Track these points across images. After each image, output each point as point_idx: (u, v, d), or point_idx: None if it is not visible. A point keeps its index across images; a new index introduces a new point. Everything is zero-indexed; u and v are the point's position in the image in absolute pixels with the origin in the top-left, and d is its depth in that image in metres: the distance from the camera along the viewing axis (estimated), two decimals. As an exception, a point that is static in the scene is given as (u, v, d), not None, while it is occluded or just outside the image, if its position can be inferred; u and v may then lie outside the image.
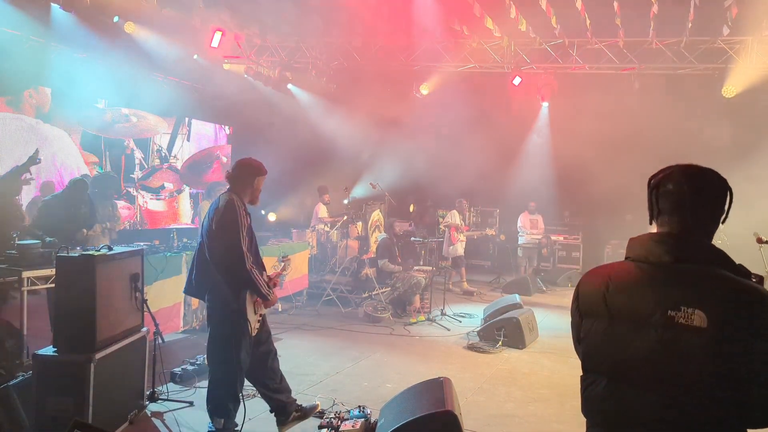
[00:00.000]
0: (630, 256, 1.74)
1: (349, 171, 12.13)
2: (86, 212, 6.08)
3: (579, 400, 1.79)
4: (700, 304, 1.51)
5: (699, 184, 1.66)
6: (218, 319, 3.76)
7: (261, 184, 3.92)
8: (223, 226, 3.63)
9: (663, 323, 1.55)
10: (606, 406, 1.67)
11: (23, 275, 4.79)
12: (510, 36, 9.36)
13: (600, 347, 1.70)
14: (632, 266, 1.70)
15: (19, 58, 7.48)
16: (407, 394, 3.90)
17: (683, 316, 1.52)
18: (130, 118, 9.80)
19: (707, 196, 1.65)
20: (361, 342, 6.80)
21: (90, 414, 3.50)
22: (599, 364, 1.71)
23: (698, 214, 1.64)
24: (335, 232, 10.10)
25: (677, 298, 1.55)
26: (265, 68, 10.46)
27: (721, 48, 8.62)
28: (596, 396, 1.70)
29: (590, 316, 1.74)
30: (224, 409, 3.76)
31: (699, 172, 1.68)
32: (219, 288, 3.68)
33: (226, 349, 3.73)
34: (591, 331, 1.73)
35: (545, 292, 10.85)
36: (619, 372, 1.64)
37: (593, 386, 1.72)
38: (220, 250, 3.65)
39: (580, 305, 1.81)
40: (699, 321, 1.49)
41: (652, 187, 1.74)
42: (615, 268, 1.75)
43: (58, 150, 8.52)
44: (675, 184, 1.67)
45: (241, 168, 3.87)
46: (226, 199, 3.71)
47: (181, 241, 7.11)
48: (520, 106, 11.57)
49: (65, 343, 3.64)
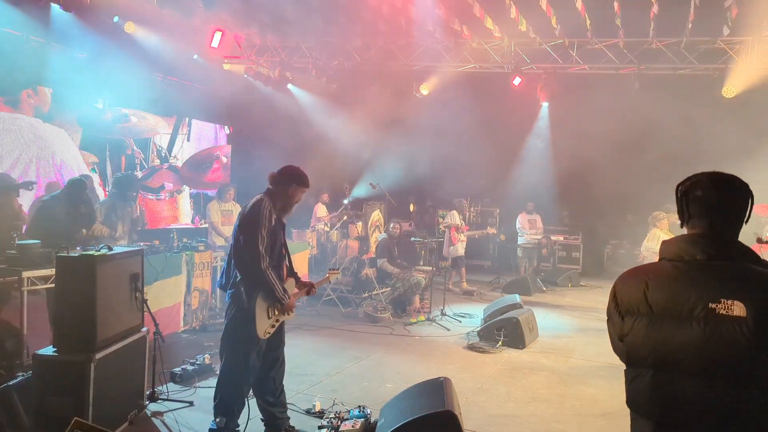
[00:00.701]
0: (665, 256, 1.90)
1: (349, 171, 12.13)
2: (86, 212, 6.05)
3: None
4: (738, 296, 1.68)
5: (725, 189, 1.83)
6: (231, 317, 3.76)
7: (297, 193, 3.89)
8: (245, 223, 3.70)
9: (705, 315, 1.72)
10: (655, 395, 1.81)
11: (23, 275, 4.78)
12: (510, 36, 9.36)
13: (644, 342, 1.84)
14: (669, 265, 1.85)
15: (19, 58, 7.47)
16: (407, 394, 3.90)
17: (723, 307, 1.69)
18: (130, 118, 9.80)
19: (733, 199, 1.82)
20: (361, 342, 6.80)
21: (90, 414, 3.50)
22: (644, 357, 1.84)
23: (725, 216, 1.81)
24: (335, 232, 10.10)
25: (716, 291, 1.72)
26: (265, 68, 10.46)
27: (721, 48, 8.62)
28: (643, 387, 1.84)
29: (631, 314, 1.89)
30: (227, 409, 3.75)
31: (724, 178, 1.85)
32: (237, 287, 3.70)
33: (236, 349, 3.73)
34: (633, 328, 1.87)
35: (545, 292, 10.85)
36: (665, 363, 1.78)
37: (639, 378, 1.86)
38: (239, 246, 3.70)
39: (619, 305, 1.95)
40: (738, 311, 1.67)
41: (682, 194, 1.89)
42: (652, 268, 1.91)
43: (57, 150, 8.52)
44: (703, 190, 1.83)
45: (283, 173, 3.89)
46: (256, 198, 3.78)
47: (181, 241, 7.11)
48: (520, 106, 11.57)
49: (65, 343, 3.64)
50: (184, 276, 6.77)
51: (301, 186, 3.91)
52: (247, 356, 3.72)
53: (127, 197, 6.90)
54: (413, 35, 9.56)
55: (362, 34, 9.85)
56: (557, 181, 12.70)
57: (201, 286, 7.01)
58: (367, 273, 8.59)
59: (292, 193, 3.87)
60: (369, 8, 8.79)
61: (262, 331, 3.73)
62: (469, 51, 9.72)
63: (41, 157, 8.30)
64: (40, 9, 7.33)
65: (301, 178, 3.90)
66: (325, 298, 8.62)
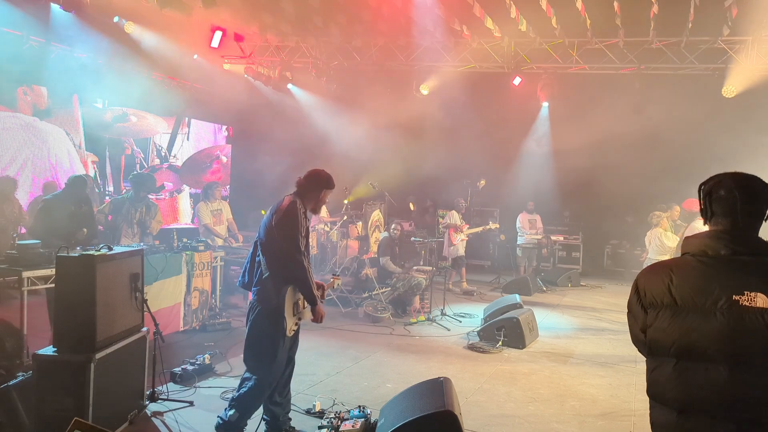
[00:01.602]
0: (688, 251, 1.97)
1: (349, 171, 12.13)
2: (87, 210, 6.05)
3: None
4: (761, 288, 1.78)
5: (747, 188, 1.92)
6: (258, 314, 3.76)
7: (327, 196, 4.01)
8: (284, 223, 3.72)
9: (728, 306, 1.80)
10: (678, 383, 1.88)
11: (23, 275, 4.79)
12: (510, 36, 9.36)
13: (668, 332, 1.91)
14: (692, 260, 1.93)
15: (19, 57, 7.47)
16: (407, 394, 3.90)
17: (747, 299, 1.78)
18: (130, 118, 9.81)
19: (755, 198, 1.91)
20: (361, 342, 6.79)
21: (90, 414, 3.50)
22: (668, 347, 1.91)
23: (748, 214, 1.90)
24: (335, 232, 10.10)
25: (739, 284, 1.81)
26: (265, 68, 10.46)
27: (721, 48, 8.62)
28: (666, 375, 1.92)
29: (655, 307, 1.96)
30: (246, 406, 3.75)
31: (747, 178, 1.95)
32: (264, 284, 3.72)
33: (263, 346, 3.73)
34: (657, 319, 1.95)
35: (545, 292, 10.85)
36: (689, 352, 1.86)
37: (661, 367, 1.94)
38: (278, 244, 3.72)
39: (643, 299, 2.02)
40: (762, 302, 1.77)
41: (705, 193, 1.99)
42: (675, 263, 1.99)
43: (56, 149, 8.52)
44: (726, 189, 1.92)
45: (311, 178, 3.96)
46: (290, 200, 3.81)
47: (181, 241, 7.11)
48: (520, 106, 11.57)
49: (65, 343, 3.64)
50: (184, 276, 6.76)
51: (330, 188, 4.02)
52: (274, 353, 3.72)
53: (140, 197, 6.89)
54: (413, 35, 9.56)
55: (362, 34, 9.84)
56: (557, 181, 12.71)
57: (201, 286, 7.00)
58: (367, 273, 8.58)
59: (323, 196, 3.99)
60: (369, 8, 8.79)
61: (288, 328, 3.76)
62: (469, 51, 9.72)
63: (38, 156, 8.30)
64: (40, 9, 7.33)
65: (330, 182, 4.02)
66: (325, 298, 8.61)
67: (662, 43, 8.82)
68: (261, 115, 11.26)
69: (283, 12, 9.00)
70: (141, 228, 6.90)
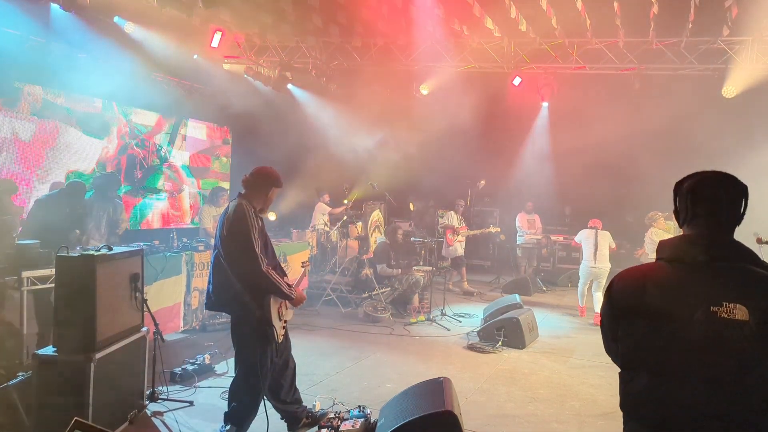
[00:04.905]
0: (663, 257, 1.83)
1: (349, 171, 12.13)
2: (81, 213, 6.04)
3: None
4: (740, 299, 1.63)
5: (731, 189, 1.81)
6: (242, 328, 3.70)
7: (275, 195, 3.91)
8: (234, 231, 3.59)
9: (706, 318, 1.66)
10: (652, 399, 1.75)
11: (23, 275, 4.79)
12: (510, 36, 9.36)
13: (641, 345, 1.79)
14: (667, 267, 1.80)
15: (19, 57, 7.47)
16: (407, 394, 3.90)
17: (725, 310, 1.64)
18: (129, 118, 9.80)
19: (737, 199, 1.80)
20: (361, 342, 6.80)
21: (90, 414, 3.50)
22: (641, 360, 1.79)
23: (730, 216, 1.79)
24: (335, 232, 10.10)
25: (718, 294, 1.66)
26: (265, 68, 10.46)
27: (721, 48, 8.62)
28: (640, 390, 1.78)
29: (628, 316, 1.83)
30: (241, 418, 3.73)
31: (729, 178, 1.83)
32: (241, 297, 3.60)
33: (252, 358, 3.67)
34: (630, 330, 1.82)
35: (545, 292, 10.86)
36: (663, 366, 1.73)
37: (635, 381, 1.80)
38: (234, 256, 3.60)
39: (615, 307, 1.89)
40: (741, 315, 1.62)
41: (686, 191, 1.84)
42: (650, 269, 1.84)
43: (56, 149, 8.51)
44: (710, 189, 1.80)
45: (258, 176, 3.85)
46: (236, 204, 3.70)
47: (180, 241, 7.11)
48: (520, 106, 11.56)
49: (65, 343, 3.64)
50: (184, 276, 6.77)
51: (278, 187, 3.92)
52: (264, 363, 3.69)
53: (107, 197, 6.69)
54: (413, 35, 9.55)
55: (362, 34, 9.84)
56: (557, 181, 12.70)
57: (201, 286, 7.00)
58: (367, 273, 8.58)
59: (271, 195, 3.88)
60: (369, 8, 8.78)
61: (278, 335, 3.73)
62: (469, 51, 9.71)
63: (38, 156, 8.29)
64: (40, 9, 7.32)
65: (278, 180, 3.91)
66: (325, 298, 8.62)
67: (662, 43, 8.82)
68: (261, 116, 11.25)
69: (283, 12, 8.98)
70: (110, 228, 6.65)
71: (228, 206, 3.77)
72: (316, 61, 10.32)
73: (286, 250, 8.35)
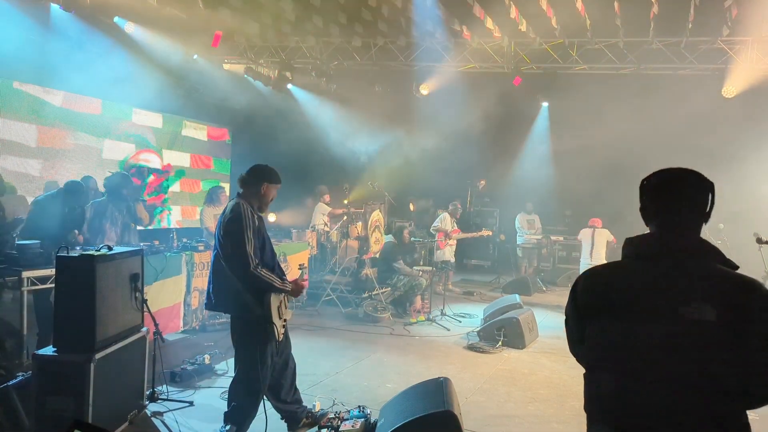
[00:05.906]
0: (628, 255, 1.79)
1: (349, 171, 12.13)
2: (81, 214, 6.03)
3: (579, 400, 1.79)
4: (707, 299, 1.58)
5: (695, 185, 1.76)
6: (242, 329, 3.71)
7: (271, 192, 3.85)
8: (229, 231, 3.61)
9: (671, 318, 1.61)
10: (613, 401, 1.70)
11: (23, 275, 4.79)
12: (510, 36, 9.36)
13: (605, 345, 1.74)
14: (632, 264, 1.75)
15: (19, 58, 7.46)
16: (407, 394, 3.90)
17: (691, 310, 1.58)
18: (129, 118, 9.80)
19: (695, 195, 1.75)
20: (361, 342, 6.79)
21: (90, 414, 3.49)
22: (605, 361, 1.74)
23: (688, 212, 1.74)
24: (335, 232, 10.09)
25: (684, 293, 1.62)
26: (265, 68, 10.46)
27: (721, 48, 8.62)
28: (603, 392, 1.73)
29: (592, 315, 1.79)
30: (241, 418, 3.73)
31: (693, 174, 1.78)
32: (241, 297, 3.61)
33: (253, 357, 3.66)
34: (595, 330, 1.78)
35: (545, 292, 10.85)
36: (627, 368, 1.67)
37: (598, 383, 1.76)
38: (228, 256, 3.62)
39: (579, 306, 1.84)
40: (708, 315, 1.56)
41: (646, 189, 1.83)
42: (615, 267, 1.80)
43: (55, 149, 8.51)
44: (673, 185, 1.77)
45: (252, 173, 3.84)
46: (233, 204, 3.71)
47: (181, 241, 7.10)
48: (520, 106, 11.56)
49: (65, 343, 3.64)
50: (184, 276, 6.76)
51: (273, 183, 3.86)
52: (264, 362, 3.69)
53: (122, 196, 6.48)
54: (413, 35, 9.56)
55: (362, 34, 9.84)
56: (557, 182, 12.70)
57: (201, 286, 7.00)
58: (367, 273, 8.58)
59: (266, 191, 3.82)
60: (369, 8, 8.78)
61: (278, 333, 3.73)
62: (469, 51, 9.72)
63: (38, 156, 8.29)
64: (40, 9, 7.32)
65: (273, 175, 3.86)
66: (325, 298, 8.62)
67: (662, 43, 8.83)
68: (261, 116, 11.26)
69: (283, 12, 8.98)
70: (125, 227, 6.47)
71: (226, 206, 3.78)
72: (316, 61, 10.32)
73: (286, 250, 8.34)
